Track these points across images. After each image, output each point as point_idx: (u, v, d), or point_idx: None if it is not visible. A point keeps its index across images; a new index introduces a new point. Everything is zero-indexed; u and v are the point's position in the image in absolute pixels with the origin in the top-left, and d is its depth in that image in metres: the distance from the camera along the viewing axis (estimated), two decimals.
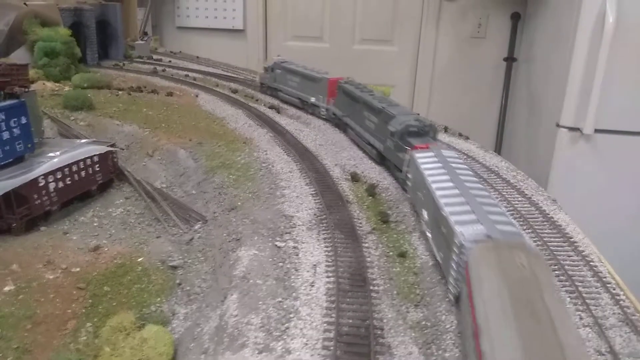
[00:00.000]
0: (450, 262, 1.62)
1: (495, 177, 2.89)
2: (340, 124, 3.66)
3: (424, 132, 2.72)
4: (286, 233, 2.11)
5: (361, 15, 6.50)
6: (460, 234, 1.54)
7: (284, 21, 6.79)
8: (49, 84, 4.54)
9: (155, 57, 6.41)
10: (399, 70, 6.44)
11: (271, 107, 4.12)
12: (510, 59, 6.07)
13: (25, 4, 4.95)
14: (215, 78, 5.19)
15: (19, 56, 4.78)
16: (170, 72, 5.51)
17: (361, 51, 6.60)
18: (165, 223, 2.44)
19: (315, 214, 2.29)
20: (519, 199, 2.59)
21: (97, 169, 2.81)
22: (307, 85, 4.06)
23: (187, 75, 5.32)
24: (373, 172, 2.88)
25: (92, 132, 3.59)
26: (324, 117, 3.88)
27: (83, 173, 2.73)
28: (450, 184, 1.92)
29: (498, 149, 6.27)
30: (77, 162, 2.68)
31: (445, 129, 3.82)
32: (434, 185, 1.93)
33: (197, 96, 4.46)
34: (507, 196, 2.60)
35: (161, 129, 3.42)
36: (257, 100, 4.36)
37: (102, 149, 2.81)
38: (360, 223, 2.23)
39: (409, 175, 2.45)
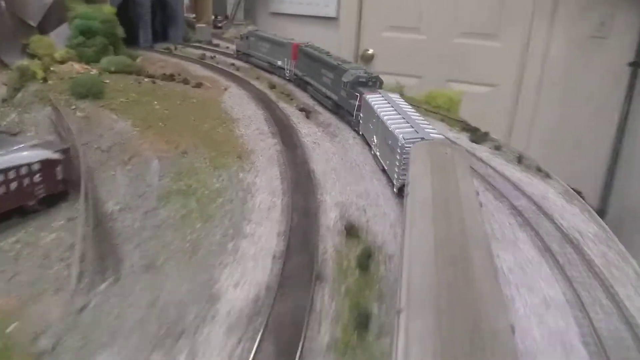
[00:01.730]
0: (395, 162, 2.31)
1: (572, 251, 1.79)
2: (301, 84, 3.98)
3: (372, 83, 3.20)
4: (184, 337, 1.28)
5: (464, 4, 5.39)
6: (402, 138, 2.26)
7: (380, 9, 5.94)
8: (77, 66, 4.12)
9: (216, 41, 5.92)
10: (503, 70, 5.31)
11: (302, 109, 3.36)
12: (636, 65, 4.65)
13: None
14: (263, 69, 4.58)
15: (59, 33, 4.45)
16: (218, 59, 4.94)
17: (461, 45, 5.53)
18: (79, 269, 1.73)
19: (255, 300, 1.43)
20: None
21: (38, 179, 2.19)
22: (274, 50, 4.49)
23: (232, 65, 4.72)
24: (382, 223, 1.95)
25: (86, 125, 3.06)
26: (287, 78, 4.17)
27: (14, 184, 2.16)
28: (394, 112, 2.67)
29: (608, 182, 4.87)
30: (5, 171, 2.14)
31: (519, 159, 2.79)
32: (382, 114, 2.63)
33: (225, 89, 3.80)
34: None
35: (155, 128, 2.75)
36: (291, 99, 3.60)
37: (45, 155, 2.22)
38: (323, 329, 1.35)
39: (360, 115, 3.02)
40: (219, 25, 7.36)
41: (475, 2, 5.39)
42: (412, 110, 2.71)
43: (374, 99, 2.86)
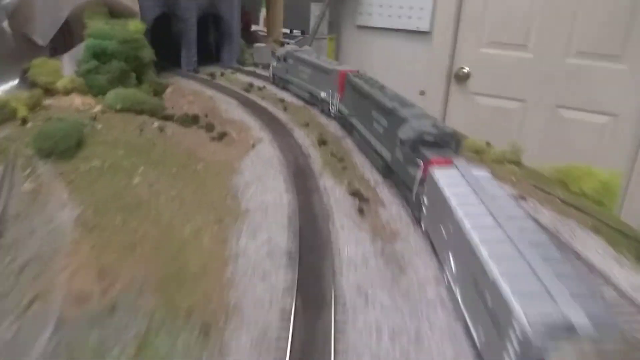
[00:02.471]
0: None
1: None
2: (346, 125, 2.96)
3: (444, 143, 1.90)
4: None
5: (584, 20, 4.28)
6: (523, 319, 0.80)
7: (480, 23, 4.91)
8: (78, 100, 3.26)
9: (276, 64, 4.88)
10: (627, 97, 4.17)
11: (355, 193, 2.16)
12: None
13: None
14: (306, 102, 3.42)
15: (74, 56, 3.64)
16: (267, 91, 3.88)
17: (575, 66, 4.27)
18: None
19: None
20: None
21: None
22: (317, 77, 3.35)
23: (281, 101, 3.63)
24: None
25: (27, 207, 2.11)
26: (333, 115, 3.14)
27: None
28: (493, 223, 1.27)
29: None
30: None
31: None
32: (468, 223, 1.29)
33: (253, 146, 2.72)
34: None
35: (103, 232, 1.59)
36: (344, 167, 2.32)
37: None
38: None
39: (425, 199, 1.77)
40: (288, 42, 6.38)
41: (597, 17, 4.24)
42: (524, 216, 1.33)
43: (449, 182, 1.62)
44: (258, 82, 3.97)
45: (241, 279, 1.49)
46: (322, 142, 2.78)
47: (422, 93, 5.68)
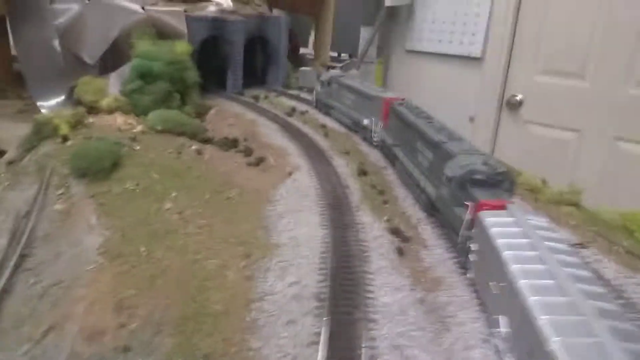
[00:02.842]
0: None
1: None
2: (388, 155, 2.82)
3: (496, 183, 1.75)
4: None
5: None
6: None
7: (535, 50, 4.70)
8: (120, 120, 3.27)
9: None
10: None
11: (395, 231, 1.98)
12: None
13: (143, 8, 3.84)
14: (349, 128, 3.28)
15: (122, 75, 3.67)
16: (310, 116, 3.80)
17: (637, 97, 4.08)
18: None
19: None
20: None
21: None
22: (361, 104, 3.23)
23: (323, 127, 3.53)
24: None
25: (57, 229, 2.05)
26: (375, 144, 3.02)
27: None
28: (554, 285, 1.08)
29: None
30: None
31: None
32: (524, 284, 1.11)
33: (290, 174, 2.61)
34: None
35: (125, 262, 1.53)
36: (385, 202, 2.16)
37: None
38: None
39: (472, 247, 1.56)
40: (335, 66, 6.32)
41: None
42: (592, 279, 1.16)
43: (502, 230, 1.41)
44: (301, 107, 3.90)
45: (265, 324, 1.36)
46: (362, 173, 2.65)
47: (472, 120, 5.45)
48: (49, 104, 3.11)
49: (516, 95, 5.02)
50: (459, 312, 1.49)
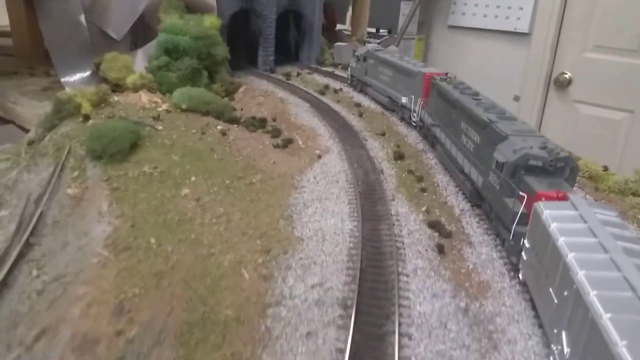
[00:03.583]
0: None
1: None
2: (428, 136, 2.53)
3: (555, 170, 1.50)
4: None
5: None
6: None
7: (586, 25, 4.32)
8: (145, 97, 3.10)
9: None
10: None
11: (435, 225, 1.74)
12: None
13: None
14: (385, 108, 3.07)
15: (147, 50, 3.50)
16: (344, 94, 3.54)
17: None
18: None
19: None
20: None
21: None
22: (399, 80, 2.94)
23: (358, 105, 3.26)
24: None
25: (67, 216, 1.90)
26: (414, 124, 2.75)
27: None
28: (630, 294, 0.92)
29: None
30: None
31: None
32: (595, 293, 0.94)
33: (320, 157, 2.37)
34: None
35: (131, 256, 1.38)
36: (423, 190, 1.97)
37: None
38: None
39: (526, 243, 1.35)
40: (372, 41, 6.00)
41: None
42: None
43: (565, 226, 1.20)
44: (335, 84, 3.65)
45: (280, 335, 1.16)
46: (398, 157, 2.39)
47: (517, 98, 5.13)
48: (74, 81, 2.98)
49: (565, 73, 4.63)
50: (509, 325, 1.25)
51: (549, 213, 1.28)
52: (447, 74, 2.59)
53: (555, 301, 1.13)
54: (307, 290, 1.33)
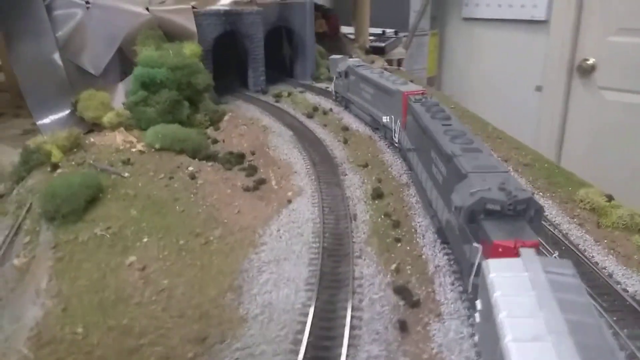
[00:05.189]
0: None
1: None
2: (406, 160, 2.31)
3: (516, 213, 1.30)
4: None
5: None
6: None
7: (607, 6, 4.05)
8: (120, 137, 2.92)
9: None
10: None
11: (399, 290, 1.50)
12: None
13: (147, 9, 3.47)
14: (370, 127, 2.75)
15: (127, 84, 3.35)
16: (332, 116, 3.30)
17: None
18: None
19: None
20: None
21: None
22: (379, 98, 2.73)
23: (345, 129, 3.03)
24: None
25: (7, 293, 1.77)
26: (397, 146, 2.51)
27: None
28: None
29: None
30: None
31: None
32: None
33: (289, 201, 2.16)
34: None
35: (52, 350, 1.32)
36: (399, 240, 1.75)
37: None
38: None
39: (478, 305, 1.15)
40: (376, 44, 5.75)
41: None
42: None
43: (508, 293, 1.04)
44: (326, 104, 3.39)
45: None
46: (377, 195, 2.15)
47: (539, 89, 4.87)
48: (50, 123, 2.86)
49: (588, 59, 4.30)
50: None
51: (494, 278, 1.09)
52: (423, 92, 2.34)
53: None
54: None
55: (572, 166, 2.60)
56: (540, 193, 2.15)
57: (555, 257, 1.40)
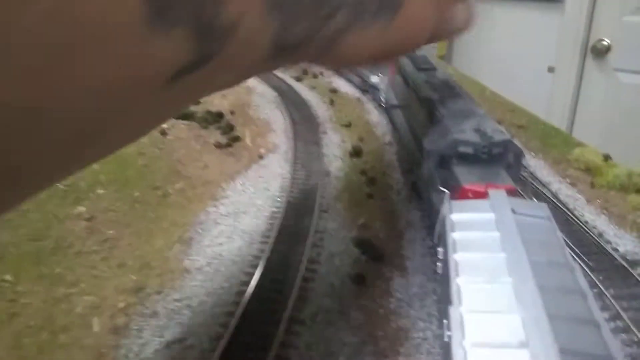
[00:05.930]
0: None
1: None
2: (391, 118, 2.11)
3: (492, 158, 1.17)
4: None
5: None
6: None
7: None
8: None
9: None
10: None
11: (362, 243, 1.36)
12: None
13: None
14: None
15: None
16: (323, 80, 3.15)
17: None
18: None
19: None
20: None
21: None
22: None
23: (334, 92, 2.86)
24: None
25: None
26: (384, 106, 2.29)
27: None
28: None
29: None
30: None
31: None
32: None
33: (261, 157, 1.99)
34: None
35: None
36: (369, 194, 1.62)
37: None
38: None
39: (440, 253, 1.02)
40: None
41: None
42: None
43: (468, 225, 0.93)
44: (316, 67, 3.28)
45: None
46: (355, 153, 2.01)
47: (551, 70, 4.67)
48: None
49: (603, 40, 4.09)
50: None
51: (456, 218, 0.94)
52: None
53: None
54: (161, 350, 1.02)
55: None
56: (532, 153, 1.99)
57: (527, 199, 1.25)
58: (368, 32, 0.30)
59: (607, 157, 1.82)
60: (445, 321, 0.84)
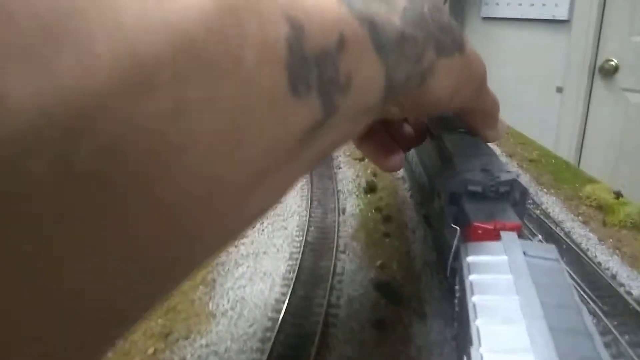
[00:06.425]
0: None
1: None
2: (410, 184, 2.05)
3: (498, 195, 0.83)
4: None
5: None
6: None
7: (632, 5, 4.01)
8: None
9: None
10: None
11: (381, 286, 1.41)
12: None
13: None
14: None
15: None
16: None
17: None
18: None
19: None
20: None
21: None
22: None
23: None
24: None
25: None
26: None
27: None
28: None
29: None
30: None
31: None
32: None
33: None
34: None
35: None
36: (386, 233, 1.65)
37: None
38: None
39: (456, 292, 0.67)
40: None
41: None
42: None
43: (482, 280, 0.89)
44: None
45: None
46: (369, 189, 2.06)
47: (560, 90, 4.76)
48: None
49: (611, 60, 4.17)
50: None
51: (471, 260, 0.99)
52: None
53: None
54: None
55: (592, 171, 2.49)
56: (545, 189, 2.02)
57: (538, 240, 1.29)
58: (449, 65, 0.33)
59: (618, 195, 1.85)
60: (465, 358, 0.87)
